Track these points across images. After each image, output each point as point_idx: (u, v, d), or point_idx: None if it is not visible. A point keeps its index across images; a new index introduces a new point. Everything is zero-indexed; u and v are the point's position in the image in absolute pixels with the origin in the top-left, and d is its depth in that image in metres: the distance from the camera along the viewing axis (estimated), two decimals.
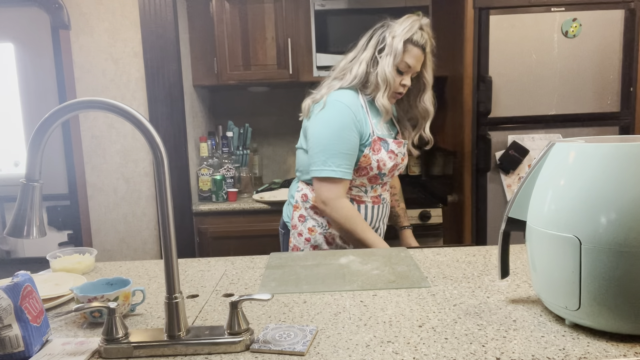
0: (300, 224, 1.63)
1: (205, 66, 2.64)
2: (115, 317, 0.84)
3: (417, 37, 1.54)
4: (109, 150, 2.49)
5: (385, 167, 1.58)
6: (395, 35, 1.52)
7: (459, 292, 1.06)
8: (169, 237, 0.84)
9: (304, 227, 1.63)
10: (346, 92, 1.57)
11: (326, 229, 1.61)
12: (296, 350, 0.82)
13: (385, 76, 1.53)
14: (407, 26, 1.53)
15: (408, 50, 1.54)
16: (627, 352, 0.78)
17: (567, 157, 0.84)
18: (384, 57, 1.53)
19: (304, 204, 1.63)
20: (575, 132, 2.25)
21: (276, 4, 2.54)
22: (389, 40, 1.53)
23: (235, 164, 2.70)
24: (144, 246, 2.55)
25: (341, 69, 1.61)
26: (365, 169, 1.57)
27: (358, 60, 1.57)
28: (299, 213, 1.64)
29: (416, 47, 1.54)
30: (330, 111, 1.54)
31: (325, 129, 1.54)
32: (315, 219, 1.62)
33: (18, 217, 0.84)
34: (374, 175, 1.59)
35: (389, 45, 1.52)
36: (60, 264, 1.30)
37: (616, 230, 0.76)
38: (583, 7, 2.19)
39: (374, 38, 1.57)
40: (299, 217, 1.64)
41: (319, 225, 1.62)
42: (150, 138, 0.82)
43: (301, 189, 1.65)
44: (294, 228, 1.64)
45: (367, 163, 1.56)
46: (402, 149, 1.64)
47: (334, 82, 1.61)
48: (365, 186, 1.63)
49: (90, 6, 2.40)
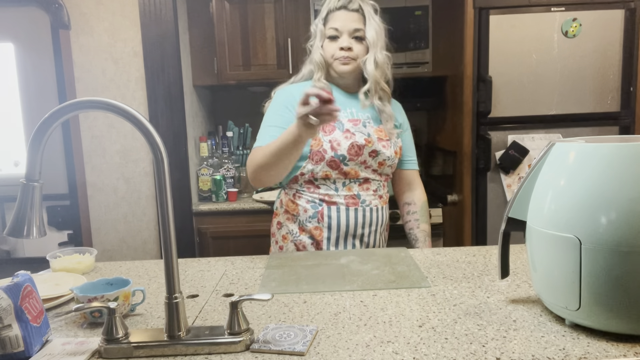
0: (278, 231, 1.57)
1: (205, 66, 2.64)
2: (115, 317, 0.84)
3: (333, 4, 1.52)
4: (109, 150, 2.49)
5: (340, 148, 1.45)
6: (315, 22, 1.55)
7: (459, 292, 1.06)
8: (169, 237, 0.84)
9: (279, 235, 1.57)
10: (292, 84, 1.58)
11: (297, 236, 1.52)
12: (296, 350, 0.82)
13: (314, 59, 1.53)
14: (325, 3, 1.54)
15: (329, 19, 1.52)
16: (627, 352, 0.78)
17: (567, 157, 0.84)
18: (313, 44, 1.55)
19: (280, 209, 1.58)
20: (575, 132, 2.25)
21: (276, 4, 2.54)
22: (312, 28, 1.56)
23: (235, 164, 2.70)
24: (144, 246, 2.55)
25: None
26: (319, 153, 1.45)
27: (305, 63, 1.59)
28: (277, 220, 1.59)
29: (337, 11, 1.51)
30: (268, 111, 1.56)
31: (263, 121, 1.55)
32: (287, 226, 1.54)
33: (18, 217, 0.84)
34: (332, 160, 1.45)
35: (312, 32, 1.56)
36: (60, 264, 1.30)
37: (616, 230, 0.76)
38: (583, 7, 2.19)
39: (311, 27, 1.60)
40: (277, 224, 1.58)
41: (290, 232, 1.54)
42: (150, 138, 0.82)
43: (279, 195, 1.62)
44: (273, 236, 1.60)
45: (319, 145, 1.45)
46: (360, 127, 1.49)
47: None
48: (331, 178, 1.49)
49: (90, 6, 2.40)
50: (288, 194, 1.55)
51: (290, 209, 1.54)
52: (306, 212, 1.51)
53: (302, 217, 1.51)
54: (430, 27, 2.52)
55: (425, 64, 2.56)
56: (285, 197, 1.56)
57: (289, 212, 1.54)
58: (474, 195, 2.32)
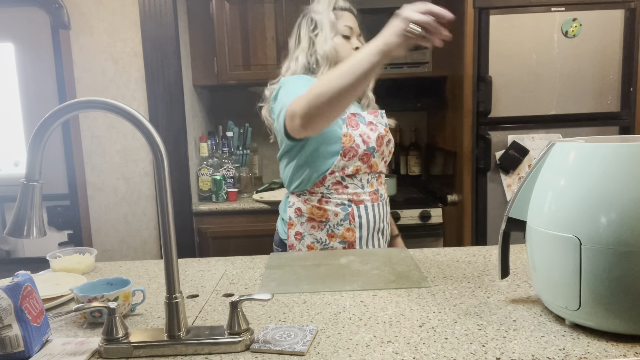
0: (298, 242, 1.50)
1: (205, 66, 2.64)
2: (115, 317, 0.84)
3: (341, 3, 1.53)
4: (109, 150, 2.49)
5: (371, 140, 1.45)
6: (320, 11, 1.48)
7: (459, 292, 1.06)
8: (169, 237, 0.84)
9: (302, 246, 1.50)
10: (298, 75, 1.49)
11: (326, 244, 1.48)
12: (296, 350, 0.82)
13: (325, 51, 1.45)
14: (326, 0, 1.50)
15: (339, 16, 1.49)
16: (627, 352, 0.78)
17: (567, 157, 0.84)
18: (319, 35, 1.47)
19: (299, 219, 1.50)
20: (575, 132, 2.25)
21: (276, 4, 2.54)
22: (317, 18, 1.48)
23: (235, 164, 2.70)
24: (144, 246, 2.55)
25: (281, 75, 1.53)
26: (353, 149, 1.43)
27: (294, 58, 1.52)
28: (294, 231, 1.50)
29: (345, 11, 1.52)
30: (287, 83, 1.41)
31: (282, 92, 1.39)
32: (313, 234, 1.48)
33: (18, 217, 0.84)
34: (364, 154, 1.45)
35: (319, 22, 1.47)
36: (60, 264, 1.30)
37: (616, 230, 0.76)
38: (583, 7, 2.19)
39: (302, 29, 1.52)
40: (295, 235, 1.50)
41: (318, 241, 1.48)
42: (150, 138, 0.82)
43: (293, 204, 1.51)
44: (292, 248, 1.50)
45: (351, 141, 1.43)
46: (380, 119, 1.51)
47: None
48: (360, 173, 1.47)
49: (90, 6, 2.40)
50: (311, 201, 1.48)
51: (317, 215, 1.48)
52: (337, 215, 1.47)
53: (332, 222, 1.47)
54: None
55: (425, 64, 2.56)
56: (306, 205, 1.49)
57: (314, 219, 1.48)
58: (474, 195, 2.32)
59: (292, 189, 1.52)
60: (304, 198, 1.50)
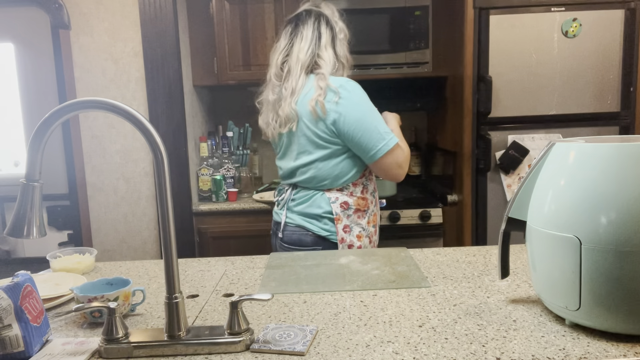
0: (347, 235, 1.57)
1: (205, 66, 2.64)
2: (115, 317, 0.84)
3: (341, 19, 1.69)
4: (109, 150, 2.49)
5: None
6: (337, 21, 1.64)
7: (459, 292, 1.06)
8: (169, 237, 0.84)
9: (352, 237, 1.57)
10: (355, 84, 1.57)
11: (368, 231, 1.61)
12: (296, 350, 0.82)
13: (347, 56, 1.64)
14: (335, 11, 1.67)
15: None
16: (627, 352, 0.78)
17: (567, 157, 0.84)
18: (343, 40, 1.64)
19: (345, 212, 1.57)
20: (575, 132, 2.25)
21: (276, 4, 2.54)
22: (340, 25, 1.64)
23: (235, 164, 2.70)
24: (144, 246, 2.55)
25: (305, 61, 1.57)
26: None
27: (324, 49, 1.59)
28: (342, 224, 1.56)
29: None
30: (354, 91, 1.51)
31: (363, 106, 1.51)
32: (359, 224, 1.58)
33: (18, 217, 0.84)
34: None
35: (342, 29, 1.64)
36: (60, 264, 1.30)
37: (616, 230, 0.76)
38: (583, 7, 2.19)
39: (321, 24, 1.61)
40: (344, 228, 1.56)
41: (363, 228, 1.59)
42: (150, 138, 0.82)
43: (336, 199, 1.56)
44: (342, 242, 1.57)
45: None
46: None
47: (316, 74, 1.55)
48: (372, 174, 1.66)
49: (90, 6, 2.40)
50: (355, 193, 1.59)
51: (362, 205, 1.59)
52: (372, 202, 1.64)
53: (370, 209, 1.62)
54: (430, 27, 2.52)
55: (425, 64, 2.56)
56: (352, 197, 1.58)
57: (360, 209, 1.59)
58: (474, 195, 2.32)
59: (339, 183, 1.57)
60: (349, 191, 1.58)
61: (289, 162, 1.61)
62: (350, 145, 1.52)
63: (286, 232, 1.60)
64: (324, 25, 1.60)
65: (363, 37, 2.46)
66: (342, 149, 1.54)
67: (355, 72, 2.52)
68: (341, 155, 1.55)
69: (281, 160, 1.66)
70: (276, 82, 1.60)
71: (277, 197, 1.72)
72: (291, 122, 1.54)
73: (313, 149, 1.54)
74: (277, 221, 1.66)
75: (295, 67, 1.55)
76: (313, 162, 1.55)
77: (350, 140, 1.50)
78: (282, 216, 1.63)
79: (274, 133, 1.62)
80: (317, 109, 1.48)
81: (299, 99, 1.53)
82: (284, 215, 1.62)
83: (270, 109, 1.61)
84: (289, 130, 1.55)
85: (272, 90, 1.61)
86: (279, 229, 1.62)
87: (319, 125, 1.50)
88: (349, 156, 1.56)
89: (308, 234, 1.57)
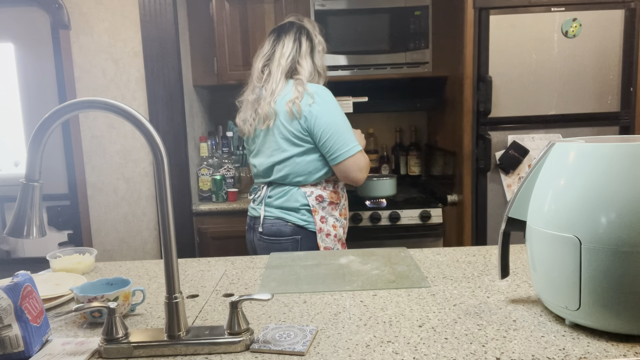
0: (325, 224, 1.69)
1: (205, 66, 2.64)
2: (115, 317, 0.84)
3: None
4: (109, 150, 2.49)
5: None
6: (317, 35, 1.77)
7: (459, 292, 1.06)
8: (169, 237, 0.84)
9: (329, 227, 1.70)
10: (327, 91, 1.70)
11: (341, 222, 1.73)
12: (296, 350, 0.82)
13: (324, 67, 1.77)
14: (316, 26, 1.79)
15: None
16: (627, 352, 0.78)
17: (567, 157, 0.84)
18: (321, 52, 1.76)
19: (320, 204, 1.69)
20: (575, 132, 2.25)
21: (276, 4, 2.54)
22: (320, 38, 1.78)
23: (235, 164, 2.70)
24: (144, 246, 2.55)
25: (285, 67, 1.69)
26: None
27: (303, 58, 1.70)
28: (319, 215, 1.69)
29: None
30: (328, 98, 1.65)
31: (334, 112, 1.63)
32: (333, 215, 1.72)
33: (18, 217, 0.84)
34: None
35: (321, 42, 1.77)
36: (60, 264, 1.30)
37: (616, 230, 0.76)
38: (583, 7, 2.19)
39: (302, 36, 1.73)
40: (321, 219, 1.69)
41: (337, 219, 1.72)
42: (150, 138, 0.82)
43: (312, 193, 1.69)
44: (321, 231, 1.69)
45: None
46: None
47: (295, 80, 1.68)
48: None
49: (90, 6, 2.40)
50: (328, 187, 1.73)
51: (334, 199, 1.73)
52: (343, 197, 1.78)
53: (342, 202, 1.76)
54: (430, 27, 2.52)
55: (425, 64, 2.56)
56: (325, 191, 1.71)
57: (333, 202, 1.72)
58: (474, 195, 2.32)
59: (313, 179, 1.68)
60: (322, 186, 1.71)
61: (264, 158, 1.71)
62: (318, 145, 1.64)
63: (265, 225, 1.70)
64: (304, 37, 1.73)
65: (363, 37, 2.46)
66: (315, 147, 1.66)
67: (355, 72, 2.53)
68: (315, 153, 1.67)
69: (255, 158, 1.77)
70: (257, 84, 1.73)
71: (252, 196, 1.84)
72: (269, 120, 1.65)
73: (287, 146, 1.65)
74: (254, 216, 1.76)
75: (276, 71, 1.69)
76: (289, 159, 1.66)
77: (319, 141, 1.64)
78: (260, 211, 1.73)
79: (250, 130, 1.73)
80: (294, 109, 1.61)
81: (278, 99, 1.65)
82: (262, 209, 1.72)
83: (249, 107, 1.73)
84: (267, 127, 1.66)
85: (252, 91, 1.73)
86: (258, 224, 1.73)
87: (294, 124, 1.63)
88: (322, 154, 1.68)
89: (287, 224, 1.68)
